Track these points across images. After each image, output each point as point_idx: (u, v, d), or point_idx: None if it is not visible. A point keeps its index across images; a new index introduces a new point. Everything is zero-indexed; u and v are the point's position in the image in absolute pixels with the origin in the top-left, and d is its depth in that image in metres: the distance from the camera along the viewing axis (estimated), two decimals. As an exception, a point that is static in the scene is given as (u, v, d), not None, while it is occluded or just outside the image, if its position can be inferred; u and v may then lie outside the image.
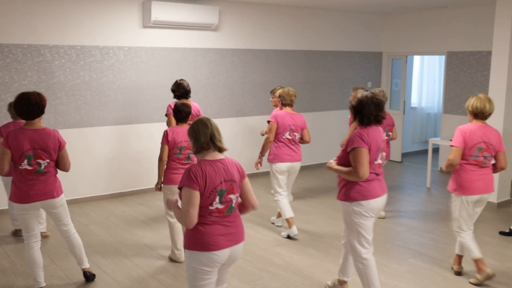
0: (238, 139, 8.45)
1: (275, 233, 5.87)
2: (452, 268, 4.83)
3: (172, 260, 5.08)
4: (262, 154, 5.81)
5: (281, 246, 5.48)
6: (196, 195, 2.91)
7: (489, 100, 4.39)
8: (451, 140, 4.60)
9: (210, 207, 2.98)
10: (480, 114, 4.41)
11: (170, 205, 3.19)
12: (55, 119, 6.76)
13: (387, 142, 6.23)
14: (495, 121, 6.64)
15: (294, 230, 5.68)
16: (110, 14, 7.04)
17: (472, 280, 4.57)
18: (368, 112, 3.77)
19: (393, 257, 5.20)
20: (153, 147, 7.41)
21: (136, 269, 4.88)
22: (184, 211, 2.93)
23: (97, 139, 7.15)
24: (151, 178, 7.50)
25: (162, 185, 4.92)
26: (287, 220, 5.71)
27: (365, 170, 3.69)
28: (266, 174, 8.47)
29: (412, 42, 9.81)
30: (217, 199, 2.98)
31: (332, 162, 3.94)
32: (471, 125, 4.43)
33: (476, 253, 4.49)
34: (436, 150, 9.84)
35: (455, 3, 8.41)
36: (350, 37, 9.75)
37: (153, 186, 7.40)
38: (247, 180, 3.18)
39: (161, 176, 4.90)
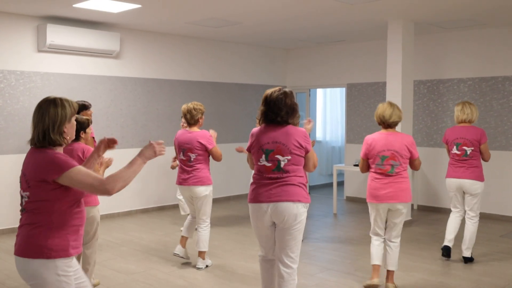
0: (143, 169, 8.08)
1: (178, 259, 5.55)
2: None
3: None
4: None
5: (185, 269, 5.18)
6: None
7: None
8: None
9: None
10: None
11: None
12: None
13: None
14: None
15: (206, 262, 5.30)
16: (0, 35, 6.62)
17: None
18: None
19: (302, 273, 5.08)
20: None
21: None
22: None
23: (-16, 170, 6.54)
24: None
25: None
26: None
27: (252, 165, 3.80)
28: (174, 206, 8.16)
29: (314, 75, 10.12)
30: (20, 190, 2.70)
31: None
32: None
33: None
34: (341, 183, 10.08)
35: (351, 38, 8.84)
36: (255, 70, 9.90)
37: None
38: (69, 173, 2.53)
39: None
